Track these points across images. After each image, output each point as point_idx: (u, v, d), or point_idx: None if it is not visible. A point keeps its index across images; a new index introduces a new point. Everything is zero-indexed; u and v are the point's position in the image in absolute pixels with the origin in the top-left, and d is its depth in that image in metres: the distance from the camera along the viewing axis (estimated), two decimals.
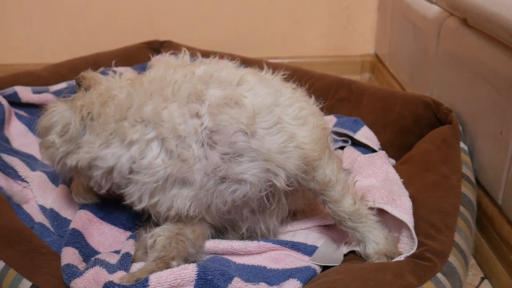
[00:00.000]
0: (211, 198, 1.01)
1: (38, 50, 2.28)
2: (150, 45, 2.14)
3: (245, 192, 1.01)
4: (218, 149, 0.97)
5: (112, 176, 1.05)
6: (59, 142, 1.07)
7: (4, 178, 1.37)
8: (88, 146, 1.04)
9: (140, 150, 0.99)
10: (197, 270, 0.92)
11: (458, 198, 1.13)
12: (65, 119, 1.08)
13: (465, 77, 1.40)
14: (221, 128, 0.96)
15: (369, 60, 2.34)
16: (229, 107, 0.96)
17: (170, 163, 0.98)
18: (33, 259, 1.04)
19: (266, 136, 0.97)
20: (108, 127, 1.02)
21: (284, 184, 1.00)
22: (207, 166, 0.98)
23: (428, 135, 1.40)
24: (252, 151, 0.97)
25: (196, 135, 0.97)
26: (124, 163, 1.01)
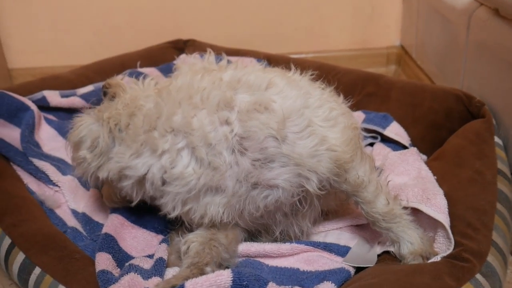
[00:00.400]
0: (244, 204, 1.01)
1: (64, 52, 2.30)
2: (174, 44, 2.14)
3: (277, 197, 1.00)
4: (249, 155, 0.96)
5: (143, 187, 1.05)
6: (90, 157, 1.07)
7: (36, 183, 1.39)
8: (118, 156, 1.04)
9: (171, 160, 0.99)
10: (232, 276, 0.92)
11: (494, 195, 1.11)
12: (93, 133, 1.08)
13: (497, 68, 1.37)
14: (251, 134, 0.95)
15: (395, 52, 2.29)
16: (259, 112, 0.96)
17: (202, 172, 0.98)
18: (68, 265, 1.05)
19: (297, 141, 0.96)
20: (138, 138, 1.01)
21: (316, 188, 0.99)
22: (238, 173, 0.97)
23: (461, 130, 1.37)
24: (283, 156, 0.96)
25: (227, 142, 0.96)
26: (155, 172, 1.01)
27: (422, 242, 1.04)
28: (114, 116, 1.06)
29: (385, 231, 1.06)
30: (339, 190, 1.05)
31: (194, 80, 1.03)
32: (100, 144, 1.05)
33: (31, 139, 1.51)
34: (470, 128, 1.35)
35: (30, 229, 1.16)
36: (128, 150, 1.02)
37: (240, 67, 1.08)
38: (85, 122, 1.10)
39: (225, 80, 1.01)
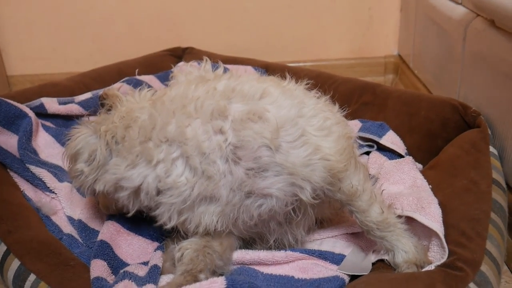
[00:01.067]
0: (238, 213, 1.01)
1: (63, 60, 2.31)
2: (172, 52, 2.15)
3: (271, 206, 1.00)
4: (242, 165, 0.97)
5: (139, 198, 1.05)
6: (87, 170, 1.07)
7: (33, 190, 1.39)
8: (114, 168, 1.04)
9: (166, 169, 0.99)
10: (226, 283, 0.92)
11: (488, 204, 1.10)
12: (90, 146, 1.08)
13: (493, 78, 1.37)
14: (245, 144, 0.96)
15: (393, 61, 2.31)
16: (253, 121, 0.96)
17: (195, 181, 0.98)
18: (63, 272, 1.05)
19: (291, 150, 0.96)
20: (133, 150, 1.02)
21: (310, 197, 0.99)
22: (232, 182, 0.97)
23: (456, 139, 1.37)
24: (277, 165, 0.96)
25: (221, 151, 0.96)
26: (150, 182, 1.01)
27: (416, 251, 1.04)
28: (111, 129, 1.06)
29: (380, 240, 1.06)
30: (333, 199, 1.06)
31: (188, 89, 1.03)
32: (98, 157, 1.05)
33: (28, 146, 1.51)
34: (466, 137, 1.35)
35: (25, 236, 1.16)
36: (123, 162, 1.03)
37: (234, 76, 1.08)
38: (82, 134, 1.10)
39: (219, 89, 1.01)
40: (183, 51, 2.16)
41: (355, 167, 1.03)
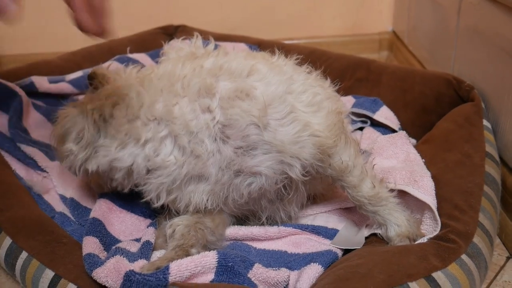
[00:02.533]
0: (228, 191, 1.00)
1: (53, 39, 2.28)
2: (164, 30, 2.12)
3: (260, 185, 1.00)
4: (231, 143, 0.96)
5: (131, 177, 1.05)
6: (76, 149, 1.05)
7: (24, 169, 1.38)
8: (104, 149, 1.03)
9: (154, 148, 0.99)
10: (217, 257, 0.92)
11: (481, 177, 1.11)
12: (78, 125, 1.06)
13: (488, 52, 1.36)
14: (233, 122, 0.95)
15: (387, 38, 2.28)
16: (240, 99, 0.95)
17: (184, 160, 0.97)
18: (55, 249, 1.04)
19: (279, 128, 0.95)
20: (121, 128, 1.01)
21: (299, 174, 0.98)
22: (221, 161, 0.97)
23: (450, 114, 1.37)
24: (265, 143, 0.95)
25: (208, 130, 0.95)
26: (140, 162, 1.00)
27: (409, 224, 1.04)
28: (97, 107, 1.04)
29: (372, 214, 1.06)
30: (324, 175, 1.05)
31: (175, 67, 1.02)
32: (86, 136, 1.04)
33: (19, 125, 1.49)
34: (459, 111, 1.35)
35: (17, 214, 1.15)
36: (113, 142, 1.02)
37: (222, 53, 1.07)
38: (69, 114, 1.09)
39: (206, 67, 1.00)
40: (175, 28, 2.14)
41: (345, 143, 1.02)
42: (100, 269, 0.94)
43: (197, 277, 0.92)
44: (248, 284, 0.91)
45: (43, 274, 1.00)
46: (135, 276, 0.89)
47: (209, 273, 0.92)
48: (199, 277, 0.92)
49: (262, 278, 0.94)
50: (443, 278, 0.87)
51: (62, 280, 0.97)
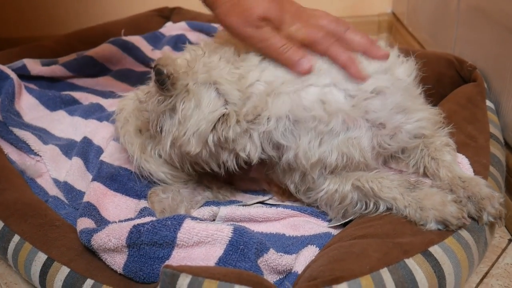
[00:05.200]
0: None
1: (47, 21, 2.24)
2: (160, 12, 2.09)
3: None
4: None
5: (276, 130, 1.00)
6: (232, 111, 1.00)
7: (17, 153, 1.36)
8: (257, 102, 0.99)
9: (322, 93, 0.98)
10: (231, 235, 0.90)
11: (487, 158, 1.08)
12: (212, 91, 1.00)
13: (490, 32, 1.33)
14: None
15: (387, 19, 2.25)
16: None
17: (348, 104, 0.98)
18: (48, 232, 1.03)
19: None
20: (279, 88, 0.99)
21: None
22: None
23: (452, 94, 1.34)
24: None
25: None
26: (301, 109, 0.98)
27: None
28: (233, 75, 1.01)
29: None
30: None
31: None
32: (234, 97, 1.00)
33: (11, 108, 1.47)
34: (462, 92, 1.32)
35: (9, 198, 1.13)
36: (268, 96, 0.99)
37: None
38: (195, 85, 1.01)
39: None
40: (170, 11, 2.11)
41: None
42: (100, 233, 0.93)
43: (204, 246, 0.90)
44: (255, 270, 0.88)
45: (36, 257, 0.98)
46: (144, 227, 0.88)
47: (218, 248, 0.89)
48: (207, 248, 0.90)
49: (273, 264, 0.92)
50: (441, 252, 0.85)
51: (55, 263, 0.95)
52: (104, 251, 0.94)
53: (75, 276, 0.93)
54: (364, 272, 0.77)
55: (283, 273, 0.94)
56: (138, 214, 1.05)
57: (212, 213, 1.08)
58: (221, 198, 1.17)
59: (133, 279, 0.91)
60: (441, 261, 0.83)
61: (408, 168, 1.08)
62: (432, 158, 1.04)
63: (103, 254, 0.94)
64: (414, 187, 0.96)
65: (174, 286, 0.74)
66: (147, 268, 0.90)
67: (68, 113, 1.52)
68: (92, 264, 0.95)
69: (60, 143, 1.38)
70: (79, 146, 1.34)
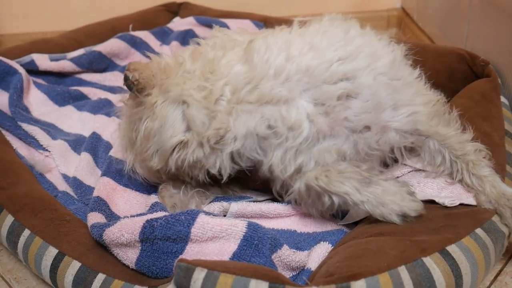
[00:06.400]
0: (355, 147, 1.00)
1: (55, 17, 2.23)
2: (167, 7, 2.08)
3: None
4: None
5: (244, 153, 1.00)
6: (191, 138, 0.99)
7: (26, 148, 1.35)
8: (218, 124, 0.97)
9: (287, 107, 0.96)
10: (245, 230, 0.89)
11: (503, 157, 1.07)
12: (175, 114, 1.00)
13: (503, 25, 1.31)
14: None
15: (396, 14, 2.23)
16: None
17: (317, 115, 0.95)
18: (59, 227, 1.02)
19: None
20: (241, 99, 0.97)
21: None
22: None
23: (465, 90, 1.32)
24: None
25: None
26: (263, 128, 0.96)
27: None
28: (202, 93, 0.98)
29: None
30: None
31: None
32: (198, 123, 0.98)
33: (19, 103, 1.46)
34: (475, 88, 1.30)
35: (19, 192, 1.13)
36: (230, 116, 0.97)
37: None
38: (153, 105, 1.01)
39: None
40: (178, 6, 2.09)
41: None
42: (112, 228, 0.92)
43: (218, 241, 0.89)
44: (270, 265, 0.87)
45: (46, 252, 0.97)
46: (157, 221, 0.88)
47: (232, 244, 0.89)
48: (221, 243, 0.89)
49: (287, 261, 0.91)
50: (458, 251, 0.84)
51: (66, 257, 0.95)
52: (116, 246, 0.93)
53: (86, 270, 0.92)
54: (382, 269, 0.76)
55: (296, 269, 0.93)
56: (150, 209, 1.05)
57: (223, 208, 1.08)
58: (231, 193, 1.16)
59: (145, 274, 0.91)
60: (458, 260, 0.82)
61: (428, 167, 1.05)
62: (473, 175, 0.99)
63: (115, 249, 0.94)
64: (370, 181, 0.93)
65: (189, 280, 0.73)
66: (160, 263, 0.89)
67: (77, 108, 1.52)
68: (104, 259, 0.94)
69: (69, 138, 1.38)
70: (88, 141, 1.33)
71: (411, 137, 1.01)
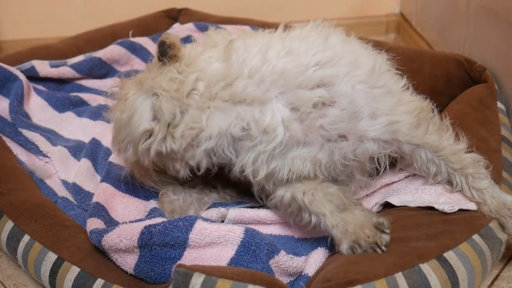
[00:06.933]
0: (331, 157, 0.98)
1: (55, 23, 2.24)
2: (167, 13, 2.09)
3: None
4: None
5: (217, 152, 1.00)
6: (157, 128, 1.00)
7: (26, 154, 1.36)
8: (191, 122, 0.98)
9: (260, 109, 0.95)
10: (243, 236, 0.89)
11: (499, 162, 1.07)
12: (147, 104, 1.00)
13: (500, 32, 1.32)
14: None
15: (395, 20, 2.24)
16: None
17: (291, 121, 0.94)
18: (58, 232, 1.03)
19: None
20: (214, 96, 0.96)
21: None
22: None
23: (462, 95, 1.33)
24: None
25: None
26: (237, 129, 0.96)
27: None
28: (172, 84, 0.99)
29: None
30: None
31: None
32: (165, 113, 0.98)
33: (20, 109, 1.47)
34: (472, 93, 1.31)
35: (19, 198, 1.14)
36: (202, 113, 0.97)
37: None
38: (130, 95, 1.02)
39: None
40: (178, 12, 2.10)
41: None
42: (110, 233, 0.93)
43: (216, 247, 0.90)
44: (267, 271, 0.88)
45: (46, 257, 0.98)
46: (155, 228, 0.88)
47: (230, 249, 0.89)
48: (219, 248, 0.90)
49: (284, 266, 0.92)
50: (455, 258, 0.84)
51: (65, 262, 0.96)
52: (115, 252, 0.94)
53: (85, 276, 0.93)
54: (379, 275, 0.77)
55: (293, 275, 0.94)
56: (148, 215, 1.05)
57: (220, 214, 1.08)
58: (228, 199, 1.16)
59: (144, 279, 0.91)
60: (455, 267, 0.83)
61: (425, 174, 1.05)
62: (473, 188, 0.99)
63: (114, 255, 0.94)
64: (345, 208, 0.93)
65: (187, 285, 0.74)
66: (158, 269, 0.90)
67: (77, 114, 1.53)
68: (103, 264, 0.95)
69: (69, 144, 1.39)
70: (88, 147, 1.34)
71: (390, 146, 0.98)
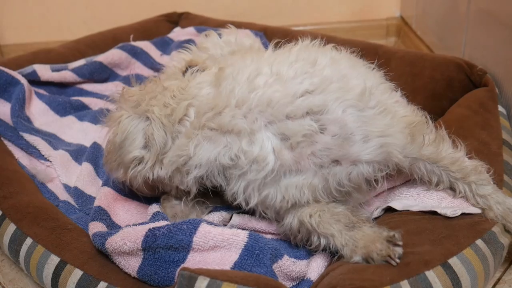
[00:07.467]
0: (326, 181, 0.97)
1: (56, 27, 2.25)
2: (168, 17, 2.09)
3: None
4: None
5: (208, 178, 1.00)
6: (148, 156, 1.00)
7: (27, 158, 1.36)
8: (180, 150, 0.98)
9: (249, 139, 0.93)
10: (246, 240, 0.89)
11: (500, 166, 1.07)
12: (139, 129, 1.00)
13: (500, 35, 1.33)
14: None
15: (395, 23, 2.25)
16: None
17: (281, 150, 0.92)
18: (61, 236, 1.03)
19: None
20: (203, 125, 0.96)
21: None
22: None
23: (463, 99, 1.33)
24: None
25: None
26: (225, 158, 0.95)
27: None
28: (164, 110, 0.99)
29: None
30: None
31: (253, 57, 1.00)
32: (156, 140, 0.98)
33: (21, 113, 1.47)
34: (473, 97, 1.31)
35: (21, 201, 1.14)
36: (190, 141, 0.97)
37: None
38: (124, 119, 1.02)
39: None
40: (179, 16, 2.11)
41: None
42: (114, 236, 0.93)
43: (220, 251, 0.90)
44: (271, 275, 0.88)
45: (48, 260, 0.98)
46: (159, 230, 0.89)
47: (234, 253, 0.89)
48: (222, 252, 0.90)
49: (287, 271, 0.92)
50: (459, 264, 0.85)
51: (67, 265, 0.96)
52: (118, 254, 0.94)
53: (88, 278, 0.93)
54: (385, 283, 0.77)
55: (296, 279, 0.94)
56: (151, 218, 1.06)
57: (222, 218, 1.08)
58: (230, 203, 1.16)
59: (147, 282, 0.91)
60: (459, 273, 0.83)
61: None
62: (477, 195, 0.98)
63: (117, 257, 0.95)
64: (354, 226, 0.92)
65: None
66: (162, 272, 0.90)
67: (78, 118, 1.53)
68: (106, 267, 0.95)
69: (70, 148, 1.39)
70: (89, 151, 1.34)
71: (385, 168, 0.97)
